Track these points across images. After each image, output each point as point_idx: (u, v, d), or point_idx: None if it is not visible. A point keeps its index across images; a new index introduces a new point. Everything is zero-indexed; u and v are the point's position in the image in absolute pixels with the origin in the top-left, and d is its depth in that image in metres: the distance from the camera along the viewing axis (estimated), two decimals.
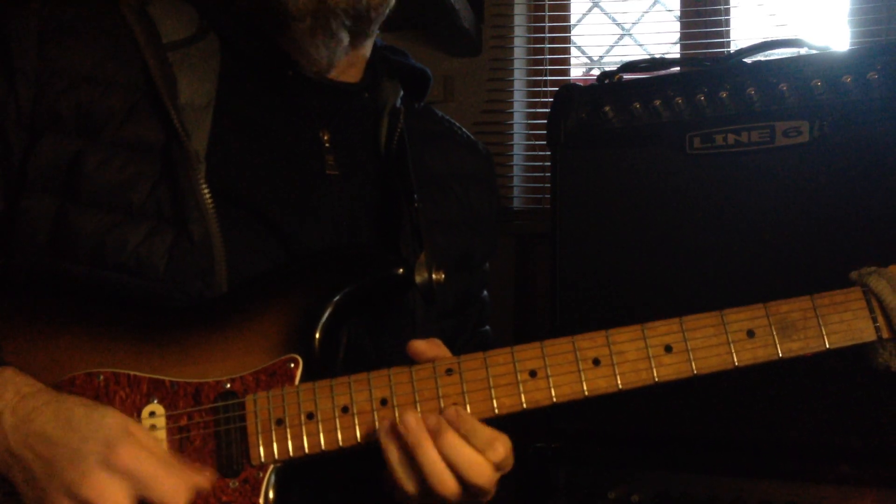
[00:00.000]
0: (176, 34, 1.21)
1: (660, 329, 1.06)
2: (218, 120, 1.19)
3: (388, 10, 1.24)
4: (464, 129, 1.50)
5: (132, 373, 1.07)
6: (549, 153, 1.84)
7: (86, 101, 1.16)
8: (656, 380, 1.05)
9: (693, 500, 1.60)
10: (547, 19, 3.07)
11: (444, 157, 1.40)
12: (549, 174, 1.92)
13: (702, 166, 1.67)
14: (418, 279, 1.17)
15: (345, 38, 1.22)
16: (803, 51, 1.83)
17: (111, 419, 1.01)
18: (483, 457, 1.03)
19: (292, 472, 1.08)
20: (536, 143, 3.02)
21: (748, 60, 1.74)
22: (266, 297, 1.12)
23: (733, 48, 2.84)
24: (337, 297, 1.11)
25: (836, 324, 1.05)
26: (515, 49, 3.06)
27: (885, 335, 1.05)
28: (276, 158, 1.23)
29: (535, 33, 3.10)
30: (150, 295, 1.12)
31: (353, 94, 1.29)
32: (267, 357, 1.08)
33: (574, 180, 1.79)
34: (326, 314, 1.11)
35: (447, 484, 1.02)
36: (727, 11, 2.91)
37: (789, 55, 1.99)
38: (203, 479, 1.03)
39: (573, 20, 3.14)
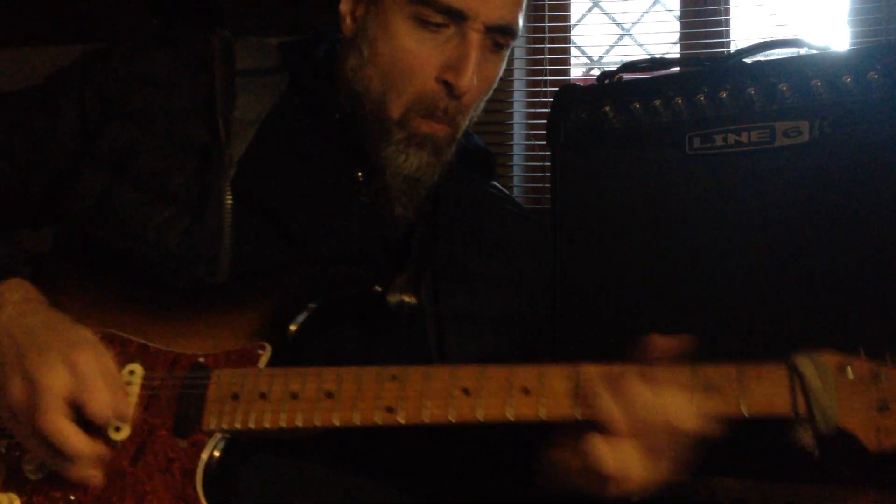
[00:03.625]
0: (249, 64, 1.41)
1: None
2: (261, 134, 1.36)
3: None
4: (521, 205, 1.70)
5: (126, 335, 1.22)
6: (549, 153, 1.84)
7: (153, 98, 1.36)
8: (577, 417, 1.10)
9: (693, 501, 1.60)
10: (547, 19, 3.07)
11: (499, 223, 1.59)
12: (549, 174, 1.92)
13: (702, 166, 1.67)
14: (391, 300, 1.28)
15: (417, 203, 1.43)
16: (803, 51, 1.83)
17: (86, 332, 1.17)
18: (659, 400, 1.06)
19: (241, 449, 1.18)
20: (536, 143, 3.02)
21: (748, 60, 1.74)
22: (256, 290, 1.24)
23: (733, 48, 2.84)
24: (313, 302, 1.23)
25: (756, 394, 1.10)
26: (515, 49, 3.05)
27: (801, 411, 1.08)
28: (309, 179, 1.38)
29: (535, 33, 3.09)
30: (161, 268, 1.27)
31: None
32: (241, 341, 1.20)
33: (574, 180, 1.78)
34: (303, 315, 1.22)
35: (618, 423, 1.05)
36: (727, 11, 2.91)
37: (789, 55, 1.99)
38: (130, 412, 1.16)
39: (573, 20, 3.14)
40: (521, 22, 1.44)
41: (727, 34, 2.90)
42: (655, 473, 1.10)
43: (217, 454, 1.15)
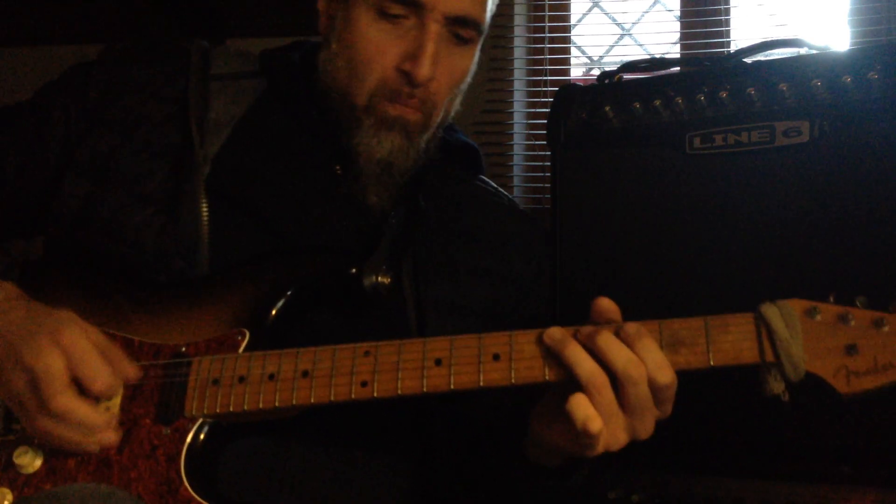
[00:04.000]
0: (225, 69, 1.46)
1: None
2: (237, 133, 1.40)
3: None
4: (512, 199, 1.67)
5: (110, 331, 1.24)
6: (549, 153, 1.84)
7: (131, 106, 1.40)
8: (546, 378, 1.11)
9: (693, 501, 1.60)
10: (547, 19, 3.07)
11: (486, 214, 1.61)
12: (549, 174, 1.92)
13: (702, 166, 1.67)
14: (366, 282, 1.29)
15: (394, 192, 1.44)
16: (803, 51, 1.83)
17: (65, 312, 1.20)
18: (637, 355, 1.08)
19: (224, 432, 1.20)
20: (536, 143, 3.02)
21: (748, 60, 1.74)
22: (235, 280, 1.28)
23: (733, 48, 2.84)
24: (290, 286, 1.26)
25: (723, 343, 1.10)
26: (515, 49, 3.06)
27: (769, 359, 1.08)
28: (287, 174, 1.41)
29: (535, 33, 3.10)
30: (141, 266, 1.31)
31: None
32: (221, 329, 1.24)
33: (574, 180, 1.79)
34: (281, 301, 1.25)
35: (597, 379, 1.07)
36: (727, 11, 2.91)
37: (789, 55, 1.99)
38: (133, 370, 1.20)
39: (573, 20, 3.14)
40: (487, 18, 1.46)
41: (727, 34, 2.90)
42: (638, 431, 1.11)
43: (201, 438, 1.18)
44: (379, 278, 1.30)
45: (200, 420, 1.19)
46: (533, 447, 1.22)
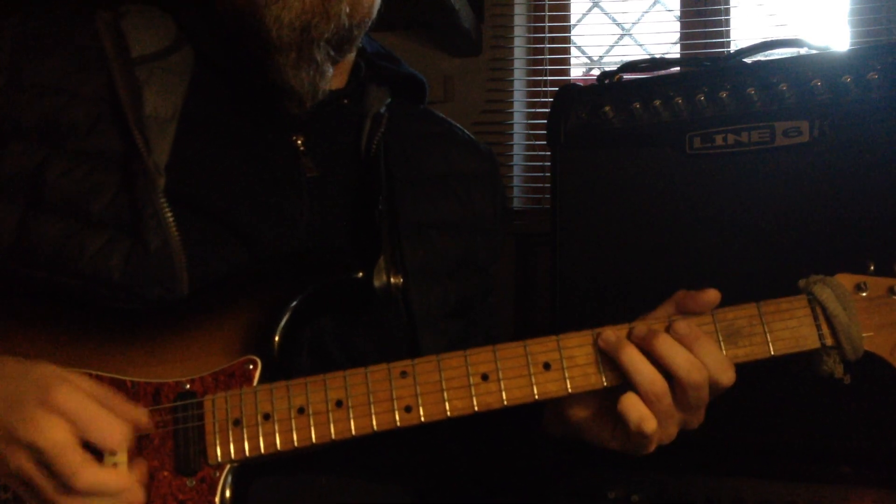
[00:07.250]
0: (147, 48, 1.24)
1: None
2: (183, 130, 1.20)
3: (370, 24, 1.25)
4: (465, 130, 1.50)
5: (94, 372, 1.08)
6: (549, 153, 1.84)
7: (50, 110, 1.18)
8: (605, 384, 1.05)
9: (692, 501, 1.60)
10: (547, 19, 3.07)
11: (444, 157, 1.41)
12: (549, 174, 1.92)
13: (702, 166, 1.67)
14: (377, 283, 1.18)
15: (329, 69, 1.24)
16: (803, 51, 1.83)
17: (44, 367, 1.02)
18: (698, 358, 1.03)
19: (250, 472, 1.09)
20: (536, 143, 3.02)
21: (748, 60, 1.74)
22: (227, 299, 1.14)
23: (733, 48, 2.84)
24: (295, 302, 1.13)
25: (781, 331, 1.06)
26: (515, 49, 3.06)
27: (829, 342, 1.05)
28: (246, 164, 1.24)
29: (535, 33, 3.10)
30: (108, 301, 1.14)
31: (330, 101, 1.29)
32: (226, 358, 1.10)
33: (574, 180, 1.79)
34: (285, 318, 1.12)
35: (656, 383, 1.02)
36: (727, 11, 2.91)
37: (789, 55, 1.99)
38: (141, 414, 1.04)
39: (573, 20, 3.14)
40: None
41: (727, 34, 2.90)
42: (692, 424, 1.08)
43: (229, 484, 1.08)
44: (392, 280, 1.22)
45: (228, 466, 1.07)
46: (559, 426, 1.16)
